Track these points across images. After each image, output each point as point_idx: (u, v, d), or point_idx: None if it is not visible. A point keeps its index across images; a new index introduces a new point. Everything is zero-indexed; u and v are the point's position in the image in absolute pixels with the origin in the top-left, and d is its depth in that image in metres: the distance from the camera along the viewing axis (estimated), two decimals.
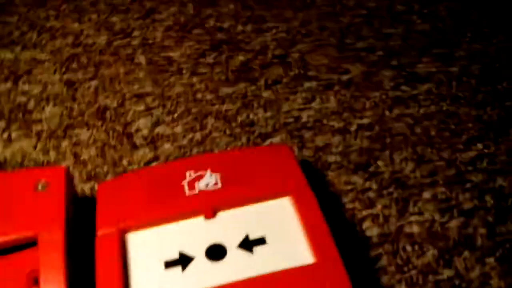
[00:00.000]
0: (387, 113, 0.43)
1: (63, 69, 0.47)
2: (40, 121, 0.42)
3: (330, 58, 0.49)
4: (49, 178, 0.31)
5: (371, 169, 0.38)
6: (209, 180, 0.32)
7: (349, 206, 0.36)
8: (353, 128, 0.42)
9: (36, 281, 0.27)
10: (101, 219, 0.30)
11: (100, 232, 0.29)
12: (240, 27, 0.52)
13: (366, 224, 0.35)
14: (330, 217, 0.30)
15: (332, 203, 0.36)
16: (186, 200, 0.31)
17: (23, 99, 0.44)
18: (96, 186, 0.37)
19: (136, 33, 0.52)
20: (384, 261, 0.32)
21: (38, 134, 0.41)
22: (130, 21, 0.53)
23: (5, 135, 0.41)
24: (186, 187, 0.32)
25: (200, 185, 0.32)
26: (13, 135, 0.41)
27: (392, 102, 0.44)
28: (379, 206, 0.36)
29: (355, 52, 0.49)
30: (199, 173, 0.33)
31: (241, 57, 0.49)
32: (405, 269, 0.32)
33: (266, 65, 0.48)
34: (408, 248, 0.33)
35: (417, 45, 0.50)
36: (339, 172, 0.38)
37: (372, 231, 0.34)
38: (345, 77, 0.47)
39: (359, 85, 0.46)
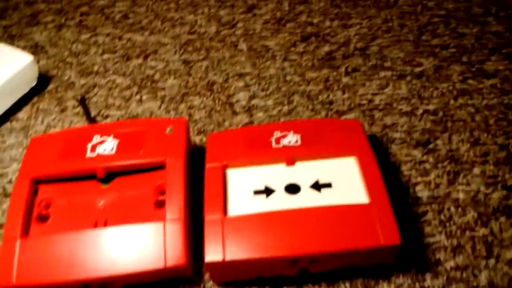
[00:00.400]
0: (452, 102, 0.49)
1: (181, 51, 0.58)
2: (163, 89, 0.54)
3: (406, 52, 0.55)
4: (174, 125, 0.41)
5: (430, 146, 0.45)
6: (291, 138, 0.41)
7: (406, 173, 0.43)
8: (419, 112, 0.48)
9: (162, 193, 0.38)
10: (209, 157, 0.40)
11: (208, 166, 0.39)
12: (328, 23, 0.61)
13: (418, 188, 0.42)
14: (388, 179, 0.37)
15: (391, 170, 0.43)
16: (273, 150, 0.40)
17: (151, 72, 0.56)
18: (204, 139, 0.47)
19: (239, 24, 0.62)
20: (429, 216, 0.39)
21: (162, 98, 0.52)
22: (235, 14, 0.63)
23: (138, 97, 0.53)
24: (273, 142, 0.41)
25: (284, 141, 0.41)
26: (143, 97, 0.53)
27: (457, 93, 0.50)
28: (432, 175, 0.42)
29: (430, 48, 0.55)
30: (284, 133, 0.42)
31: (326, 48, 0.57)
32: (447, 224, 0.39)
33: (348, 56, 0.56)
34: (452, 209, 0.40)
35: (489, 44, 0.55)
36: (402, 146, 0.45)
37: (423, 193, 0.41)
38: (417, 69, 0.53)
39: (429, 77, 0.52)
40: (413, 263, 0.37)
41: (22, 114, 0.52)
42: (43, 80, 0.55)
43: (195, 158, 0.43)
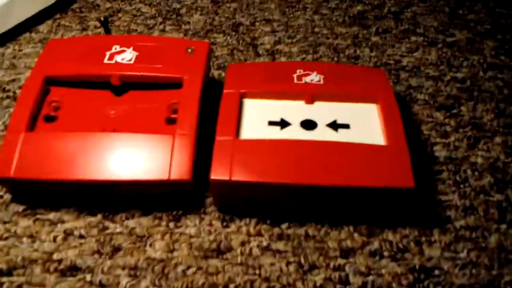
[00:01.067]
0: (481, 73, 0.47)
1: None
2: (188, 23, 0.52)
3: (440, 22, 0.54)
4: (196, 46, 0.40)
5: (454, 111, 0.43)
6: (314, 78, 0.40)
7: (426, 133, 0.42)
8: (446, 78, 0.47)
9: (174, 111, 0.37)
10: (228, 84, 0.39)
11: (226, 91, 0.38)
12: None
13: (436, 148, 0.40)
14: (406, 134, 0.35)
15: (411, 128, 0.42)
16: (293, 85, 0.39)
17: (177, 5, 0.55)
18: (223, 74, 0.46)
19: None
20: (444, 175, 0.38)
21: (185, 31, 0.51)
22: None
23: (161, 27, 0.51)
24: (295, 78, 0.39)
25: (306, 79, 0.39)
26: (167, 28, 0.51)
27: (487, 66, 0.48)
28: (452, 138, 0.41)
29: (465, 22, 0.54)
30: (307, 72, 0.40)
31: (359, 8, 0.56)
32: (461, 185, 0.37)
33: (380, 17, 0.54)
34: (469, 172, 0.38)
35: None
36: (424, 107, 0.44)
37: (440, 153, 0.40)
38: (450, 39, 0.51)
39: (461, 48, 0.50)
40: (421, 217, 0.35)
41: (43, 27, 0.51)
42: (69, 0, 0.54)
43: (212, 90, 0.41)
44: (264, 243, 0.33)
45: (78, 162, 0.33)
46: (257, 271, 0.32)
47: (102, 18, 0.51)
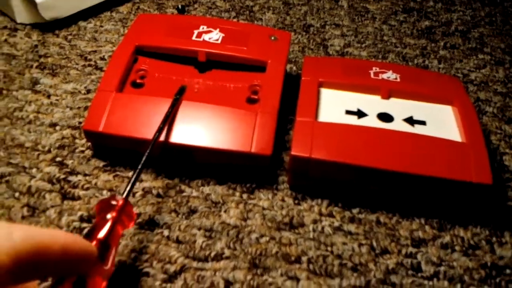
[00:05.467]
0: None
1: None
2: (261, 19, 0.54)
3: (507, 44, 0.54)
4: (279, 35, 0.42)
5: None
6: (390, 75, 0.41)
7: (495, 143, 0.42)
8: None
9: (254, 92, 0.38)
10: (306, 72, 0.40)
11: (304, 78, 0.39)
12: (431, 3, 0.60)
13: (506, 157, 0.40)
14: None
15: None
16: (370, 80, 0.40)
17: (250, 3, 0.57)
18: (294, 68, 0.47)
19: None
20: None
21: None
22: None
23: (234, 21, 0.53)
24: (371, 74, 0.40)
25: (383, 76, 0.40)
26: (240, 22, 0.53)
27: None
28: None
29: None
30: (383, 70, 0.41)
31: (427, 23, 0.57)
32: None
33: (448, 34, 0.55)
34: None
35: None
36: (493, 119, 0.44)
37: (510, 163, 0.40)
38: None
39: None
40: (492, 218, 0.35)
41: (123, 9, 0.53)
42: None
43: (285, 84, 0.42)
44: (336, 224, 0.34)
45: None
46: (329, 248, 0.32)
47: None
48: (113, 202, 0.27)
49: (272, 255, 0.32)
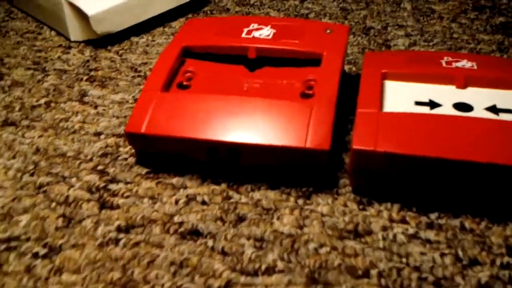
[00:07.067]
0: None
1: (340, 0, 0.56)
2: None
3: None
4: (335, 28, 0.38)
5: None
6: (465, 64, 0.35)
7: None
8: None
9: (308, 87, 0.34)
10: (367, 65, 0.35)
11: (366, 69, 0.35)
12: (504, 0, 0.54)
13: None
14: None
15: None
16: (443, 69, 0.35)
17: (306, 11, 0.54)
18: (354, 68, 0.43)
19: None
20: None
21: None
22: None
23: None
24: (443, 63, 0.35)
25: (457, 64, 0.35)
26: None
27: None
28: None
29: None
30: (456, 59, 0.36)
31: (501, 19, 0.51)
32: None
33: None
34: None
35: None
36: None
37: None
38: None
39: None
40: None
41: (175, 24, 0.52)
42: (201, 2, 0.56)
43: (342, 83, 0.38)
44: (411, 231, 0.28)
45: (210, 123, 0.31)
46: (404, 259, 0.27)
47: None
48: None
49: (334, 268, 0.27)
